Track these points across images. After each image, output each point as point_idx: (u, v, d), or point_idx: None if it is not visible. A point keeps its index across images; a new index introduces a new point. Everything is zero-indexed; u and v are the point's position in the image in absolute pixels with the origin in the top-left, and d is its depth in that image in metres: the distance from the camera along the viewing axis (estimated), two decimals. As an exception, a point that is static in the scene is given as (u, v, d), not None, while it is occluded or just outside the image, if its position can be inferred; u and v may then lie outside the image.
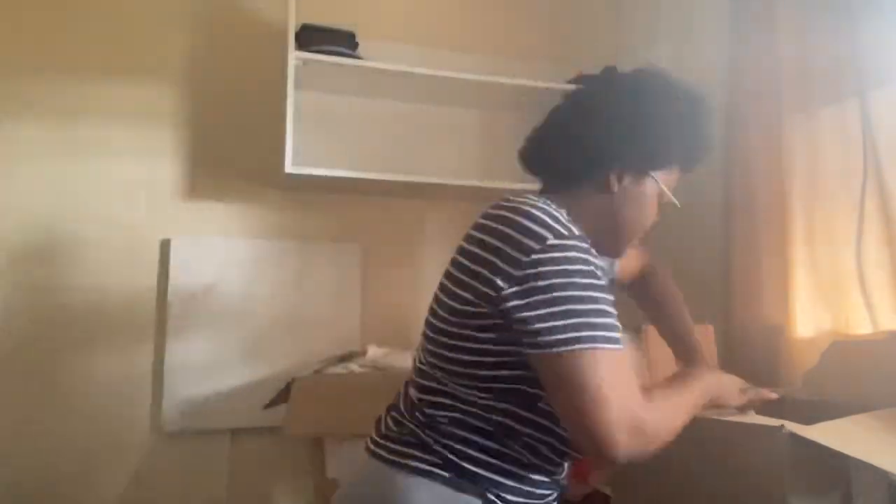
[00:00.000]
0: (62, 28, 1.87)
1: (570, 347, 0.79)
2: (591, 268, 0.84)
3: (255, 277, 1.95)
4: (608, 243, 1.00)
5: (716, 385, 1.02)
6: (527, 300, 0.81)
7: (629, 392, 0.80)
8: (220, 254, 1.93)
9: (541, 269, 0.81)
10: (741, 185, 1.68)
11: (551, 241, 0.82)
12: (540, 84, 2.03)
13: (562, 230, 0.84)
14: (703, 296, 1.78)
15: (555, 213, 0.86)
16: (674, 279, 1.34)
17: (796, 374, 1.44)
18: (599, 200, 0.98)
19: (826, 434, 0.78)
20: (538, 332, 0.80)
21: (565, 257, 0.82)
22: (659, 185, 0.99)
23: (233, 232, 1.97)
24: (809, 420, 0.84)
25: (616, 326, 0.83)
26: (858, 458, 0.77)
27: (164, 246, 1.89)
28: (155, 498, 1.83)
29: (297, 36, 1.81)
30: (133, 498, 1.82)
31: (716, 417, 0.89)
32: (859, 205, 1.39)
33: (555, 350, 0.80)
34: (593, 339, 0.79)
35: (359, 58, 1.89)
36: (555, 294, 0.80)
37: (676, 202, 1.02)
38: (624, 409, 0.78)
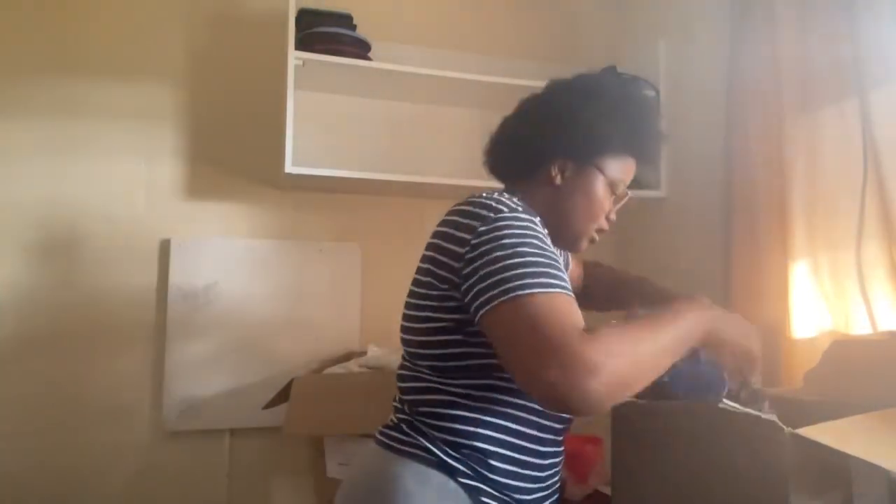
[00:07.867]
0: (62, 28, 1.87)
1: (500, 299, 0.78)
2: (531, 230, 0.84)
3: (255, 277, 1.95)
4: (563, 236, 1.02)
5: (707, 318, 0.89)
6: (473, 271, 0.82)
7: (560, 329, 0.73)
8: (220, 254, 1.93)
9: (483, 239, 0.83)
10: (741, 185, 1.68)
11: (492, 216, 0.84)
12: (540, 84, 2.02)
13: (503, 208, 0.86)
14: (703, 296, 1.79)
15: (502, 198, 0.88)
16: (674, 279, 1.34)
17: (796, 374, 1.44)
18: (547, 192, 1.01)
19: (827, 434, 0.78)
20: (477, 295, 0.81)
21: (505, 225, 0.83)
22: (603, 174, 1.00)
23: (233, 232, 1.97)
24: (810, 420, 0.84)
25: (555, 275, 0.80)
26: (859, 457, 0.77)
27: (164, 246, 1.89)
28: (155, 498, 1.83)
29: (297, 20, 1.80)
30: (133, 498, 1.82)
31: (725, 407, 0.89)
32: (859, 205, 1.39)
33: (489, 307, 0.79)
34: (522, 287, 0.77)
35: (359, 38, 1.89)
36: (493, 255, 0.81)
37: (628, 192, 1.04)
38: (555, 346, 0.71)
